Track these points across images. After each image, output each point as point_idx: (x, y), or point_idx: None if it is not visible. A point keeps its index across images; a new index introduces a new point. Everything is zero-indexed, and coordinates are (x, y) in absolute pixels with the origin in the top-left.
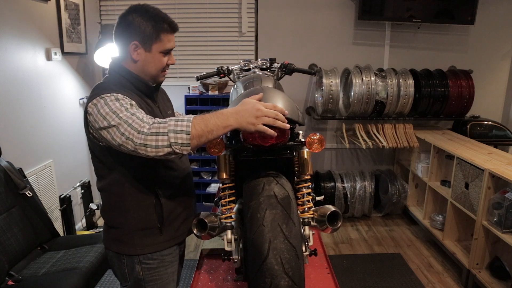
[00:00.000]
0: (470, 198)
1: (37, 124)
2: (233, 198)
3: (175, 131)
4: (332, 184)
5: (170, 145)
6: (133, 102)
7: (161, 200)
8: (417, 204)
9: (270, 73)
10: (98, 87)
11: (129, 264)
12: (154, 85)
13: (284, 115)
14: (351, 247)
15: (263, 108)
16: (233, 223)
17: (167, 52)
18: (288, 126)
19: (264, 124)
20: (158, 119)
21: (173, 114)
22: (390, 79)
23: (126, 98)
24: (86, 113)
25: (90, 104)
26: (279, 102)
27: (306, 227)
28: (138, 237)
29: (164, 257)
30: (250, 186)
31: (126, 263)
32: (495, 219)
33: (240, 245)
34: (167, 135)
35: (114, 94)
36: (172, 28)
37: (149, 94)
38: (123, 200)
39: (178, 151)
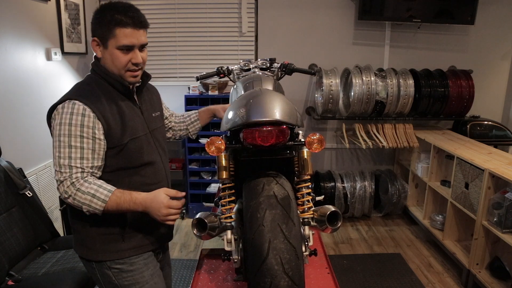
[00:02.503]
0: (470, 198)
1: (37, 124)
2: (233, 198)
3: (90, 205)
4: (332, 184)
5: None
6: (84, 134)
7: None
8: (417, 204)
9: (270, 73)
10: (72, 89)
11: (99, 269)
12: (131, 86)
13: (282, 119)
14: (351, 247)
15: (166, 211)
16: (233, 223)
17: (127, 49)
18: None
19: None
20: (88, 179)
21: (161, 116)
22: (390, 79)
23: (79, 125)
24: (51, 111)
25: (55, 111)
26: (277, 105)
27: (306, 227)
28: (100, 243)
29: (134, 261)
30: (250, 186)
31: (96, 268)
32: (495, 219)
33: (240, 245)
34: (83, 205)
35: (75, 111)
36: (134, 22)
37: (128, 94)
38: None
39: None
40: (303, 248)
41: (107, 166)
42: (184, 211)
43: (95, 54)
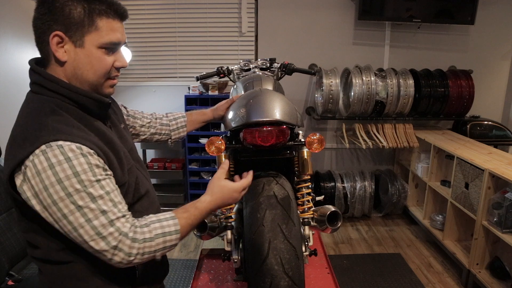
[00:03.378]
0: (470, 198)
1: None
2: None
3: (165, 247)
4: (332, 184)
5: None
6: (99, 176)
7: None
8: (417, 204)
9: (270, 73)
10: (32, 126)
11: None
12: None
13: (282, 119)
14: (351, 247)
15: (240, 193)
16: (233, 223)
17: (111, 48)
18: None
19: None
20: (140, 221)
21: (126, 126)
22: (390, 79)
23: (88, 169)
24: (13, 171)
25: (27, 171)
26: (277, 105)
27: (306, 227)
28: None
29: None
30: (250, 186)
31: None
32: (495, 219)
33: (240, 245)
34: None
35: (70, 155)
36: (120, 12)
37: (102, 115)
38: (75, 268)
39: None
40: (303, 248)
41: None
42: None
43: (32, 59)
